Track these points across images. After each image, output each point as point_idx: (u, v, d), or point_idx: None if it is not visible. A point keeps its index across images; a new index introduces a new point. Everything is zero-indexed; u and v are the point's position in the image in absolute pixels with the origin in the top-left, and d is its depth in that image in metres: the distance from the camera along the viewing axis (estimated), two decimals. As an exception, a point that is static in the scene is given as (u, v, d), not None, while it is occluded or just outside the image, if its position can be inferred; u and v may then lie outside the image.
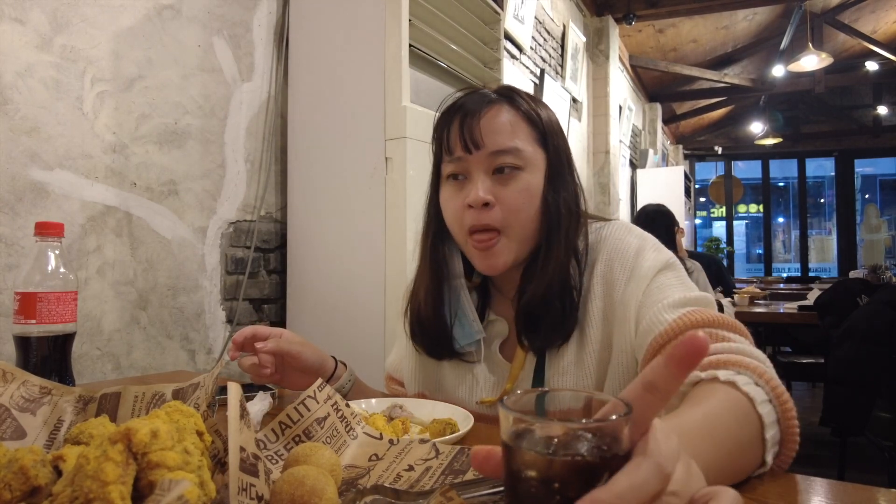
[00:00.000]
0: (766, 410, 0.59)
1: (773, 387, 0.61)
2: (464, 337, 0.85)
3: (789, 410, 0.60)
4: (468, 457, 0.54)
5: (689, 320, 0.69)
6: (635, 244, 0.80)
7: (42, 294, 0.83)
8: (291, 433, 0.60)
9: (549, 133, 0.82)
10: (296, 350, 0.84)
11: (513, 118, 0.80)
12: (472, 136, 0.78)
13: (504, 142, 0.78)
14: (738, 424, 0.57)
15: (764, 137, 8.50)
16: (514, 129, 0.79)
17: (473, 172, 0.79)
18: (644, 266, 0.77)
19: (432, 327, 0.86)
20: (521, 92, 0.84)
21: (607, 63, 4.91)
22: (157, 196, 1.55)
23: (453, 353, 0.86)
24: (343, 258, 1.69)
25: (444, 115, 0.84)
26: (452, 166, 0.81)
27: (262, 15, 1.86)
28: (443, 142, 0.82)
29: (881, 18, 6.71)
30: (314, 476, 0.43)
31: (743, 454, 0.56)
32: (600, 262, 0.80)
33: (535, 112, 0.82)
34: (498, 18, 2.09)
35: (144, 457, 0.37)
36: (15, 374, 0.60)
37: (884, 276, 3.32)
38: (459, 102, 0.83)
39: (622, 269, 0.78)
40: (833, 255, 10.51)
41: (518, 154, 0.78)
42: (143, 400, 0.60)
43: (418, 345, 0.89)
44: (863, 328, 2.02)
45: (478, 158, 0.78)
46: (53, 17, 1.31)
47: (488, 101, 0.81)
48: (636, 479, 0.32)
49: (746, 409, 0.58)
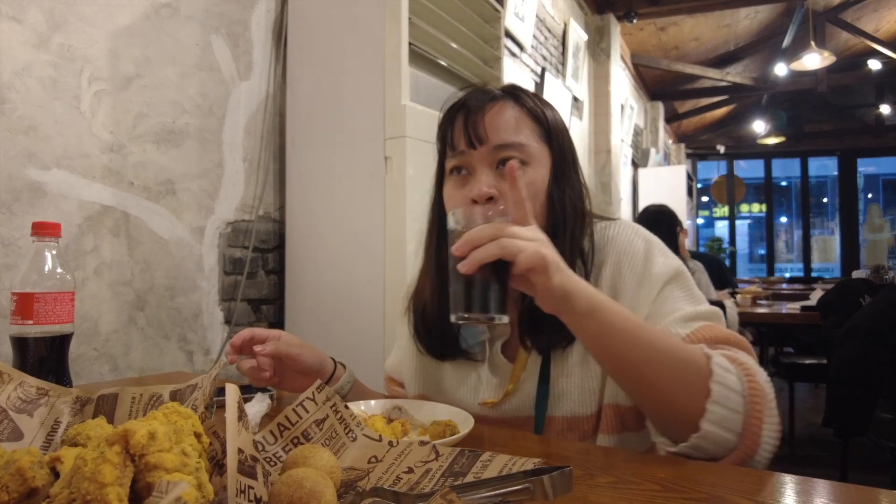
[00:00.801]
0: (722, 371, 0.63)
1: (749, 376, 0.64)
2: (471, 336, 0.85)
3: (756, 402, 0.63)
4: (469, 459, 0.53)
5: (700, 336, 0.71)
6: (643, 247, 0.79)
7: (39, 294, 0.83)
8: (290, 435, 0.59)
9: (555, 131, 0.82)
10: (295, 352, 0.83)
11: (518, 114, 0.80)
12: (475, 130, 0.77)
13: (508, 136, 0.78)
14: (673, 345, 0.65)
15: (766, 136, 8.49)
16: (519, 124, 0.79)
17: (477, 167, 0.78)
18: (654, 273, 0.77)
19: (438, 327, 0.85)
20: (526, 90, 0.84)
21: (609, 61, 4.91)
22: (154, 196, 1.54)
23: (458, 353, 0.86)
24: (342, 258, 1.69)
25: (447, 113, 0.83)
26: (455, 160, 0.80)
27: (261, 13, 1.86)
28: (447, 139, 0.82)
29: (884, 17, 6.70)
30: (313, 478, 0.43)
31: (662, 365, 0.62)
32: (608, 264, 0.80)
33: (541, 110, 0.82)
34: (498, 16, 2.08)
35: (142, 458, 0.37)
36: (12, 375, 0.60)
37: (887, 277, 3.31)
38: (463, 100, 0.82)
39: (631, 274, 0.78)
40: (836, 255, 10.49)
41: (522, 149, 0.78)
42: (141, 401, 0.59)
43: (422, 344, 0.88)
44: (865, 328, 2.01)
45: (481, 153, 0.78)
46: (50, 15, 1.30)
47: (492, 97, 0.81)
48: None
49: (698, 355, 0.65)
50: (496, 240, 0.59)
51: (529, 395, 0.80)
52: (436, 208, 0.87)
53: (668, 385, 0.63)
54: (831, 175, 11.73)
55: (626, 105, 5.68)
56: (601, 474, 0.57)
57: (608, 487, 0.54)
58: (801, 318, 3.06)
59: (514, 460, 0.49)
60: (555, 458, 0.64)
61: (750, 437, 0.62)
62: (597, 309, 0.62)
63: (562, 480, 0.42)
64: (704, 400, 0.61)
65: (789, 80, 7.22)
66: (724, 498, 0.51)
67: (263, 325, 1.86)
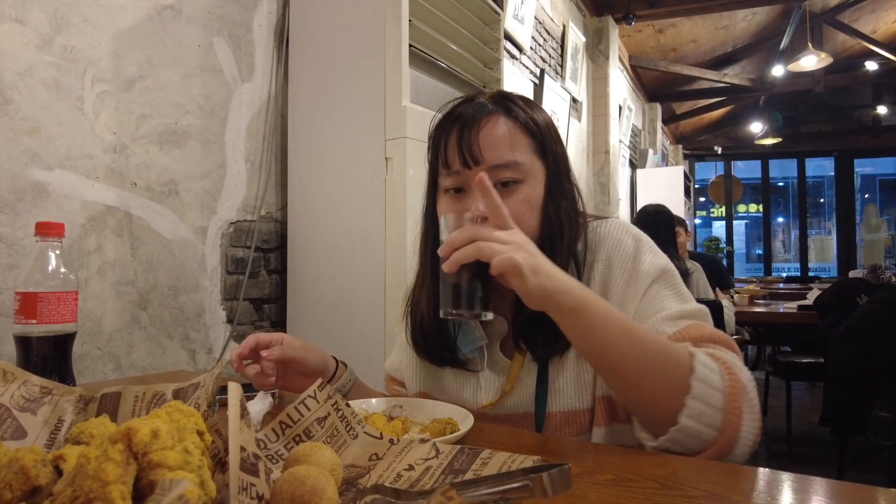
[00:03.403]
0: (703, 368, 0.64)
1: (730, 373, 0.65)
2: (467, 344, 0.85)
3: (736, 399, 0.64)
4: (469, 456, 0.54)
5: (686, 335, 0.72)
6: (632, 246, 0.80)
7: (43, 294, 0.83)
8: (292, 433, 0.60)
9: (548, 140, 0.81)
10: (300, 355, 0.83)
11: (511, 129, 0.79)
12: (470, 150, 0.77)
13: (503, 156, 0.77)
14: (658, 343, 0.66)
15: (763, 137, 8.50)
16: (513, 141, 0.78)
17: (473, 185, 0.77)
18: (642, 271, 0.78)
19: (435, 338, 0.86)
20: (516, 98, 0.83)
21: (607, 63, 4.91)
22: (157, 196, 1.55)
23: (456, 362, 0.86)
24: (343, 258, 1.69)
25: (439, 126, 0.82)
26: (451, 180, 0.80)
27: (263, 15, 1.86)
28: (440, 153, 0.81)
29: (881, 18, 6.71)
30: (314, 476, 0.43)
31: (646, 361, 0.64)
32: (599, 262, 0.81)
33: (533, 120, 0.81)
34: (498, 18, 2.09)
35: (145, 456, 0.37)
36: (15, 374, 0.60)
37: (883, 276, 3.32)
38: (456, 113, 0.81)
39: (621, 272, 0.79)
40: (833, 255, 10.51)
41: (518, 167, 0.77)
42: (144, 400, 0.60)
43: (421, 354, 0.89)
44: (862, 328, 2.02)
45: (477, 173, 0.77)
46: (54, 17, 1.31)
47: (486, 112, 0.79)
48: None
49: (681, 352, 0.66)
50: (473, 242, 0.63)
51: (527, 393, 0.81)
52: (429, 218, 0.87)
53: (650, 381, 0.65)
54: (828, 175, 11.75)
55: (624, 106, 5.68)
56: (600, 472, 0.57)
57: (607, 485, 0.54)
58: (798, 318, 3.07)
59: (514, 458, 0.50)
60: (554, 455, 0.64)
61: (728, 433, 0.63)
62: (582, 306, 0.64)
63: (561, 478, 0.42)
64: (684, 395, 0.63)
65: (787, 82, 7.23)
66: (722, 496, 0.52)
67: (265, 324, 1.86)
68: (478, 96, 0.83)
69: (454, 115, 0.81)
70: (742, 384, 0.65)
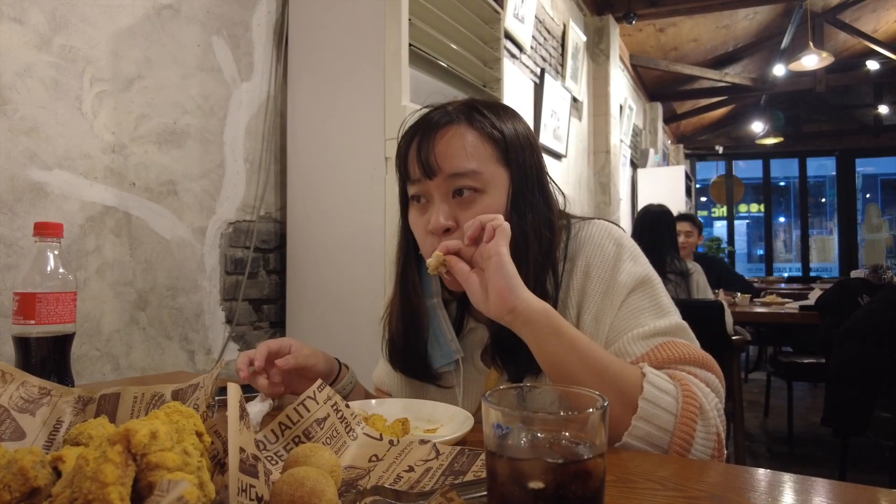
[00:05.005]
0: (654, 390, 0.66)
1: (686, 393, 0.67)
2: (440, 358, 0.85)
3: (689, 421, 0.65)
4: (469, 458, 0.54)
5: (658, 356, 0.72)
6: (613, 252, 0.79)
7: (41, 294, 0.83)
8: (291, 434, 0.60)
9: (513, 149, 0.79)
10: (311, 363, 0.83)
11: (471, 138, 0.77)
12: (427, 160, 0.76)
13: (460, 164, 0.76)
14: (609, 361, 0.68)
15: (765, 137, 8.49)
16: (473, 150, 0.77)
17: (434, 196, 0.77)
18: (619, 281, 0.77)
19: (406, 352, 0.86)
20: (482, 107, 0.81)
21: (608, 62, 4.91)
22: (156, 196, 1.54)
23: (431, 377, 0.86)
24: (342, 258, 1.69)
25: (403, 137, 0.82)
26: (414, 188, 0.80)
27: (262, 14, 1.86)
28: (403, 162, 0.81)
29: (882, 17, 6.71)
30: (314, 477, 0.43)
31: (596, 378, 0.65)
32: (578, 268, 0.80)
33: (497, 129, 0.79)
34: (498, 17, 2.09)
35: (144, 458, 0.37)
36: (14, 375, 0.60)
37: (885, 276, 3.32)
38: (416, 123, 0.81)
39: (599, 281, 0.78)
40: (834, 255, 10.50)
41: (476, 177, 0.76)
42: (143, 401, 0.60)
43: (397, 368, 0.89)
44: (864, 328, 2.02)
45: (436, 183, 0.77)
46: (52, 16, 1.31)
47: (445, 121, 0.78)
48: None
49: (632, 372, 0.68)
50: None
51: None
52: (403, 235, 0.87)
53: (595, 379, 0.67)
54: (830, 175, 11.74)
55: (625, 106, 5.68)
56: (600, 473, 0.57)
57: (608, 486, 0.54)
58: (799, 318, 3.07)
59: (515, 459, 0.49)
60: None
61: (677, 453, 0.65)
62: (532, 322, 0.67)
63: (561, 478, 0.42)
64: (631, 415, 0.65)
65: (788, 81, 7.22)
66: (724, 496, 0.52)
67: (264, 324, 1.86)
68: (446, 105, 0.82)
69: (416, 124, 0.81)
70: (699, 406, 0.66)
